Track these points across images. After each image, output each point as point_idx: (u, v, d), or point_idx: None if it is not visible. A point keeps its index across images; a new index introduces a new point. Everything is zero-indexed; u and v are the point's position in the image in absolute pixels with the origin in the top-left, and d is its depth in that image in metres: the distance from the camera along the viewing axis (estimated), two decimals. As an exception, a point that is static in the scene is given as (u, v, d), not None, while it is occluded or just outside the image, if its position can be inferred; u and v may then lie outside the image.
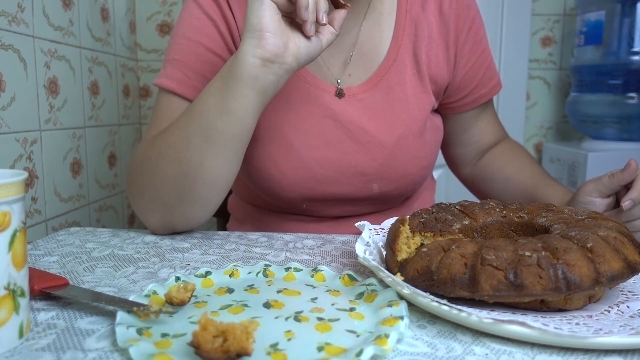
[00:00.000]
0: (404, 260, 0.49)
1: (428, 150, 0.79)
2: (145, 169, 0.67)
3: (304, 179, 0.75)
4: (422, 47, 0.77)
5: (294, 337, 0.40)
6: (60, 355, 0.38)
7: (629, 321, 0.41)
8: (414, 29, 0.77)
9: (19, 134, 0.93)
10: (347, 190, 0.77)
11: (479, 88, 0.83)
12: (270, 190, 0.77)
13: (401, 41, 0.76)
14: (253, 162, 0.76)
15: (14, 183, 0.38)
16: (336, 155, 0.75)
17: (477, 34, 0.81)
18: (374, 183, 0.77)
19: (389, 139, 0.75)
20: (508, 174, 0.83)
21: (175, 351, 0.37)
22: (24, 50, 0.94)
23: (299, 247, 0.67)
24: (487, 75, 0.83)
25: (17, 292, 0.39)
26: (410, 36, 0.77)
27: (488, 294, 0.41)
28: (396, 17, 0.77)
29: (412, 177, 0.78)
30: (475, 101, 0.83)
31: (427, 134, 0.78)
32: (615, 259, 0.42)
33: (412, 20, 0.77)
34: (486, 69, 0.83)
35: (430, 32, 0.77)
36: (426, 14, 0.77)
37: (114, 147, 1.35)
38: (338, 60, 0.77)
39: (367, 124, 0.75)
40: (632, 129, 1.59)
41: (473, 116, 0.86)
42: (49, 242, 0.68)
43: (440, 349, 0.39)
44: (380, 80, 0.76)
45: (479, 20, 0.82)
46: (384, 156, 0.75)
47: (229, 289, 0.50)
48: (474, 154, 0.90)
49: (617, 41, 1.55)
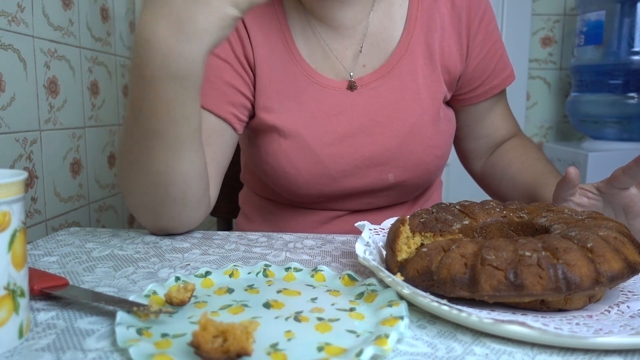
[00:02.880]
0: (404, 260, 0.49)
1: (441, 139, 0.79)
2: (123, 179, 0.66)
3: (320, 176, 0.76)
4: (434, 37, 0.77)
5: (294, 337, 0.40)
6: (60, 355, 0.38)
7: (629, 321, 0.41)
8: (426, 19, 0.77)
9: (19, 134, 0.93)
10: (364, 182, 0.78)
11: (491, 79, 0.83)
12: (287, 187, 0.78)
13: (413, 31, 0.77)
14: (269, 160, 0.76)
15: (13, 183, 0.38)
16: (350, 149, 0.75)
17: (489, 25, 0.81)
18: (390, 173, 0.77)
19: (401, 128, 0.76)
20: (512, 174, 0.83)
21: (175, 351, 0.37)
22: (23, 50, 0.94)
23: (299, 247, 0.67)
24: (500, 66, 0.83)
25: (16, 292, 0.39)
26: (422, 26, 0.77)
27: (488, 294, 0.41)
28: (408, 8, 0.78)
29: (426, 165, 0.78)
30: (487, 92, 0.83)
31: (441, 124, 0.79)
32: (615, 259, 0.42)
33: (424, 11, 0.78)
34: (498, 60, 0.82)
35: (442, 22, 0.78)
36: (438, 5, 0.78)
37: (114, 147, 1.35)
38: (350, 52, 0.78)
39: (379, 115, 0.76)
40: (632, 129, 1.59)
41: (486, 108, 0.86)
42: (49, 242, 0.68)
43: (440, 349, 0.39)
44: (392, 69, 0.77)
45: (490, 12, 0.82)
46: (396, 144, 0.76)
47: (229, 289, 0.50)
48: (486, 147, 0.89)
49: (617, 41, 1.56)
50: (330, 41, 0.78)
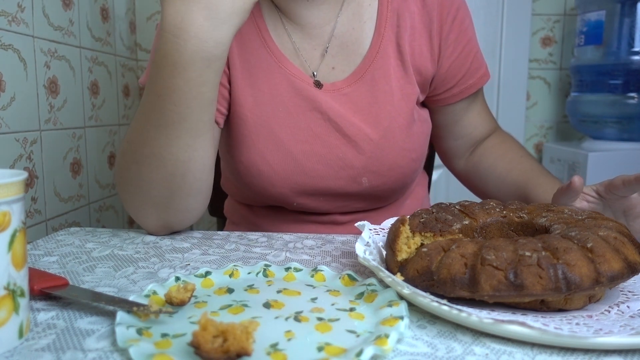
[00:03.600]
0: (404, 260, 0.49)
1: (416, 142, 0.78)
2: (128, 177, 0.66)
3: (293, 174, 0.75)
4: (405, 38, 0.76)
5: (294, 337, 0.40)
6: (60, 355, 0.38)
7: (629, 321, 0.41)
8: (396, 19, 0.76)
9: (19, 134, 0.93)
10: (337, 184, 0.77)
11: (466, 78, 0.81)
12: (261, 186, 0.77)
13: (383, 32, 0.76)
14: (242, 159, 0.76)
15: (14, 183, 0.38)
16: (324, 149, 0.75)
17: (462, 24, 0.79)
18: (363, 177, 0.76)
19: (375, 132, 0.75)
20: (499, 173, 0.82)
21: (175, 351, 0.37)
22: (24, 50, 0.94)
23: (299, 247, 0.67)
24: (474, 65, 0.81)
25: (16, 292, 0.39)
26: (392, 27, 0.76)
27: (488, 294, 0.41)
28: (377, 8, 0.77)
29: (402, 169, 0.78)
30: (463, 92, 0.82)
31: (415, 126, 0.78)
32: (615, 259, 0.42)
33: (394, 11, 0.76)
34: (473, 59, 0.81)
35: (412, 22, 0.76)
36: (407, 4, 0.76)
37: (114, 147, 1.35)
38: (317, 52, 0.77)
39: (353, 118, 0.75)
40: (632, 129, 1.59)
41: (463, 108, 0.85)
42: (49, 242, 0.68)
43: (440, 349, 0.39)
44: (364, 73, 0.76)
45: (464, 9, 0.80)
46: (371, 149, 0.75)
47: (229, 289, 0.50)
48: (466, 146, 0.89)
49: (617, 41, 1.55)
50: (298, 39, 0.77)
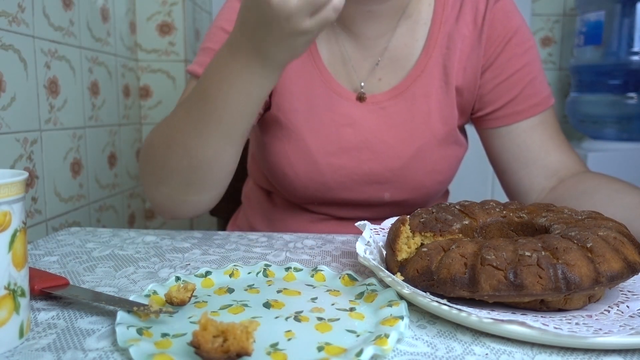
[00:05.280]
0: (404, 260, 0.49)
1: (447, 165, 0.78)
2: (154, 156, 0.67)
3: (317, 184, 0.76)
4: (452, 61, 0.75)
5: (294, 337, 0.40)
6: (60, 355, 0.38)
7: (629, 321, 0.41)
8: (446, 41, 0.75)
9: (19, 134, 0.93)
10: (359, 196, 0.78)
11: (514, 104, 0.76)
12: (283, 187, 0.79)
13: (432, 52, 0.75)
14: (270, 159, 0.77)
15: (14, 183, 0.38)
16: (351, 163, 0.75)
17: (517, 47, 0.75)
18: (386, 192, 0.77)
19: (406, 150, 0.75)
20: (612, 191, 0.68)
21: (175, 351, 0.37)
22: (24, 51, 0.94)
23: (299, 247, 0.67)
24: (528, 91, 0.76)
25: (17, 292, 0.39)
26: (441, 48, 0.75)
27: (488, 294, 0.41)
28: (430, 28, 0.76)
29: (426, 190, 0.78)
30: (508, 117, 0.77)
31: (449, 149, 0.77)
32: (615, 259, 0.42)
33: (445, 33, 0.75)
34: (527, 85, 0.76)
35: (463, 46, 0.75)
36: (459, 27, 0.75)
37: (114, 147, 1.35)
38: (368, 63, 0.77)
39: (385, 134, 0.75)
40: (632, 129, 1.59)
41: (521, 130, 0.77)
42: (49, 242, 0.68)
43: (440, 349, 0.39)
44: (406, 89, 0.75)
45: (523, 33, 0.76)
46: (398, 167, 0.75)
47: (229, 289, 0.50)
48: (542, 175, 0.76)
49: (617, 41, 1.56)
50: (351, 49, 0.77)
